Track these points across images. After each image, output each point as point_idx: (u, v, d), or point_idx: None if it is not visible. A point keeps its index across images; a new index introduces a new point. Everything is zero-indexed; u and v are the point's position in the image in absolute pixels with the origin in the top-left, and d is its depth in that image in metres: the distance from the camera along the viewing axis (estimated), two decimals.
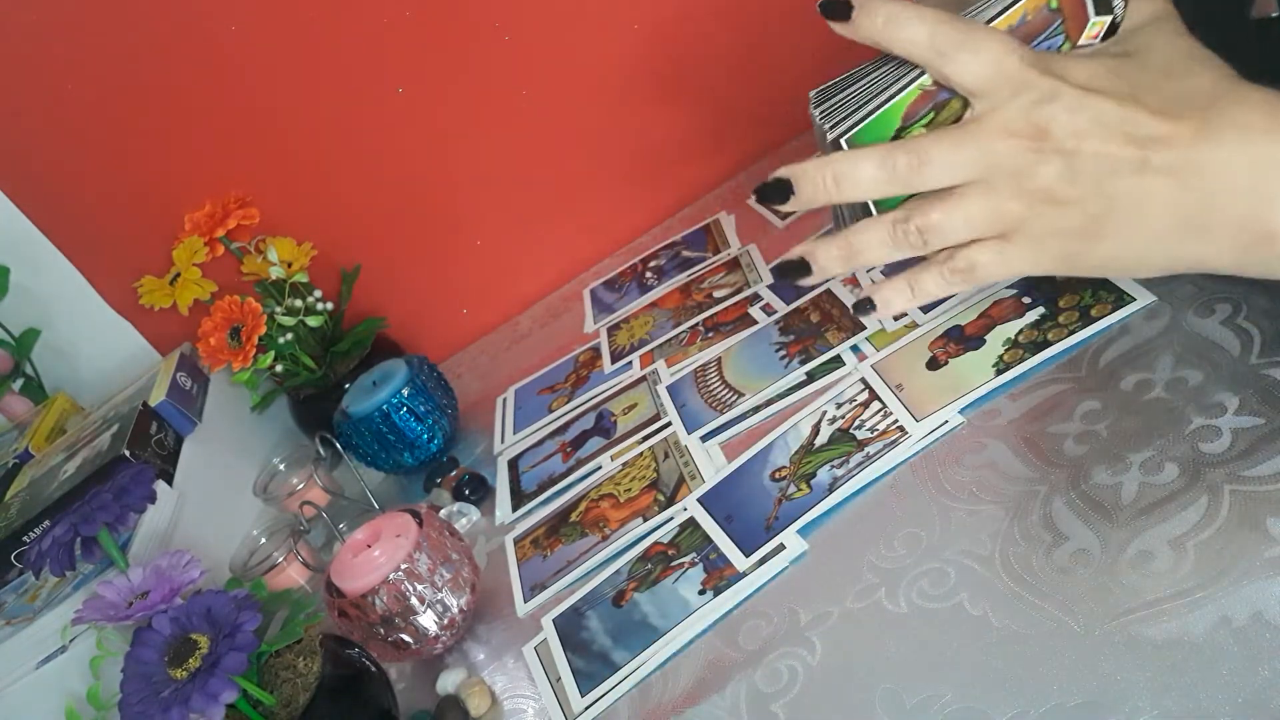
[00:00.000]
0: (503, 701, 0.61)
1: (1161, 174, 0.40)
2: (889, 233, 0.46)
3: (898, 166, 0.43)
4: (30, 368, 0.98)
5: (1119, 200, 0.41)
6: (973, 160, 0.42)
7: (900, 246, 0.46)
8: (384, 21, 0.89)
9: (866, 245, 0.46)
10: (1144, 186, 0.40)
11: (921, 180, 0.43)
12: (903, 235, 0.45)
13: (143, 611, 0.54)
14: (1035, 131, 0.41)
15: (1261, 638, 0.39)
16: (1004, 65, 0.41)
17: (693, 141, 1.01)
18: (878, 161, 0.43)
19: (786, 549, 0.57)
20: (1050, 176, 0.41)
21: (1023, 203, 0.42)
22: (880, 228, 0.46)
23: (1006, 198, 0.42)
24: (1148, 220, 0.41)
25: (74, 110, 0.88)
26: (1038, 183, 0.42)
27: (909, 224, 0.45)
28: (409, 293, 1.03)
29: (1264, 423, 0.47)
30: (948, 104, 0.43)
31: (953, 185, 0.43)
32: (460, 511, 0.78)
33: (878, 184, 0.44)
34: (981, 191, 0.43)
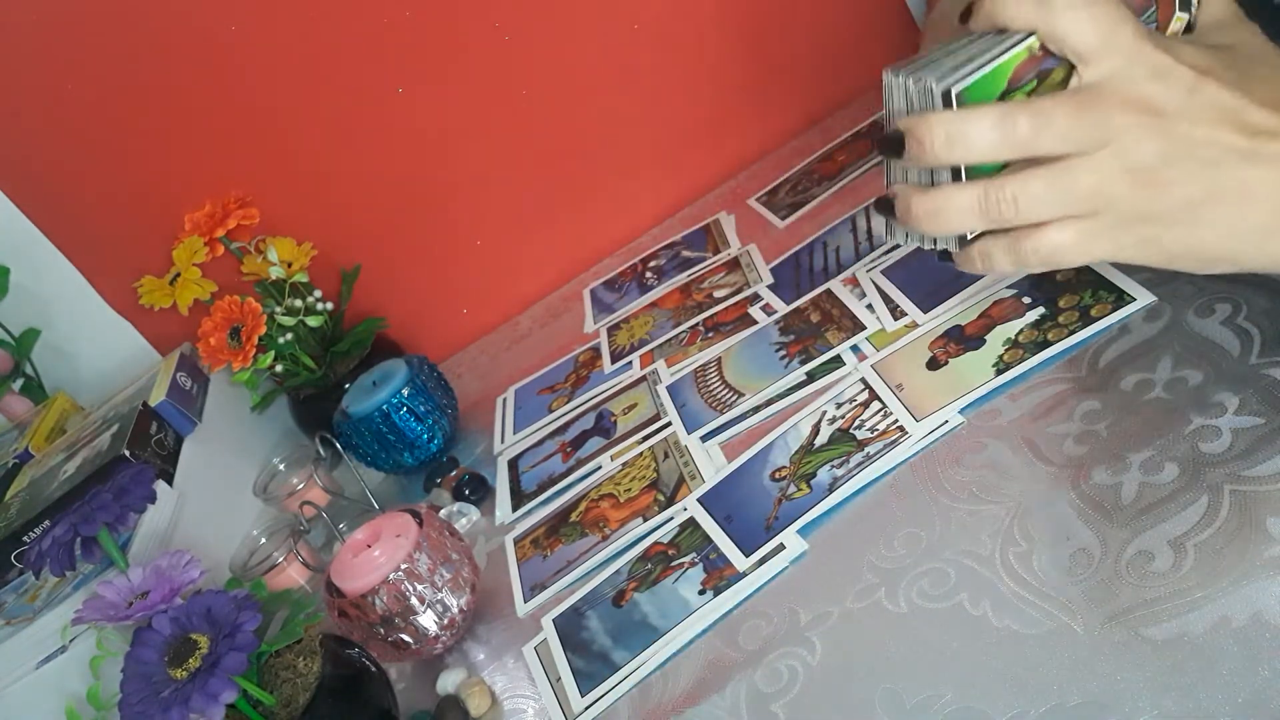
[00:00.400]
0: (503, 701, 0.61)
1: (1268, 165, 0.39)
2: (979, 199, 0.42)
3: (1018, 128, 0.40)
4: (30, 368, 0.98)
5: (1221, 188, 0.40)
6: (1091, 128, 0.40)
7: (988, 216, 0.43)
8: (384, 21, 0.89)
9: (952, 209, 0.43)
10: (1250, 177, 0.40)
11: (1039, 145, 0.40)
12: (995, 204, 0.42)
13: (143, 611, 0.54)
14: (1150, 107, 0.39)
15: (1261, 638, 0.39)
16: (1119, 33, 0.39)
17: (692, 141, 1.01)
18: (995, 121, 0.40)
19: (786, 549, 0.57)
20: (1158, 155, 0.40)
21: (1125, 182, 0.40)
22: (971, 192, 0.43)
23: (1111, 174, 0.40)
24: (1247, 211, 0.40)
25: (74, 110, 0.88)
26: (1145, 160, 0.40)
27: (1004, 190, 0.42)
28: (409, 293, 1.03)
29: (1264, 423, 0.47)
30: (1051, 73, 0.41)
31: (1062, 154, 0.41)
32: (460, 511, 0.78)
33: (992, 146, 0.41)
34: (1088, 166, 0.41)
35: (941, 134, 0.41)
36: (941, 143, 0.41)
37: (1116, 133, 0.40)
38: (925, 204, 0.44)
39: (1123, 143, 0.40)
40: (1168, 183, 0.40)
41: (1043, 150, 0.41)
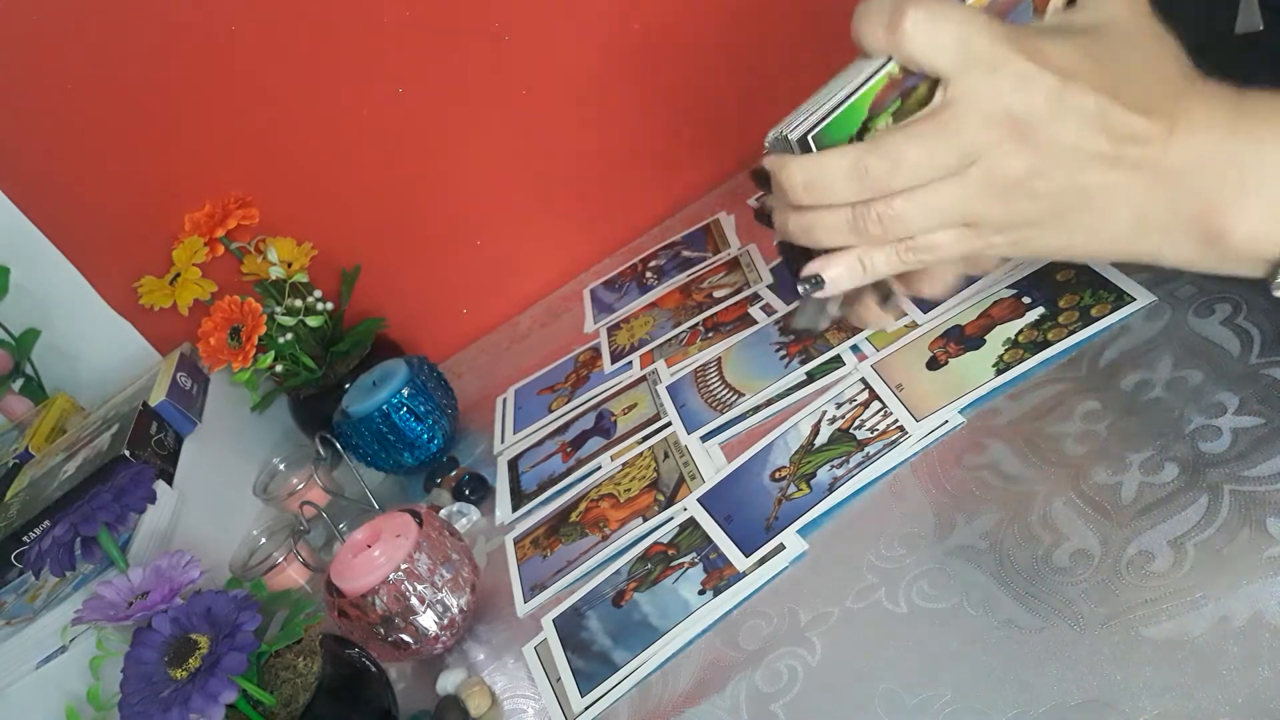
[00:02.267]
0: (503, 701, 0.61)
1: (1133, 171, 0.39)
2: (848, 219, 0.43)
3: (871, 170, 0.40)
4: (30, 368, 0.98)
5: (1089, 194, 0.40)
6: (948, 156, 0.40)
7: (859, 235, 0.43)
8: (384, 22, 0.89)
9: (823, 227, 0.44)
10: (1115, 182, 0.39)
11: (897, 184, 0.41)
12: (862, 223, 0.43)
13: (143, 611, 0.54)
14: (1013, 120, 0.38)
15: (1261, 638, 0.39)
16: (973, 44, 0.38)
17: (693, 141, 1.01)
18: (849, 166, 0.41)
19: (786, 549, 0.57)
20: (1024, 169, 0.39)
21: (992, 196, 0.40)
22: (840, 213, 0.43)
23: (977, 192, 0.40)
24: (1113, 215, 0.40)
25: (74, 110, 0.88)
26: (1011, 176, 0.40)
27: (870, 211, 0.42)
28: (409, 293, 1.03)
29: (1264, 423, 0.47)
30: (914, 91, 0.41)
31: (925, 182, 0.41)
32: (460, 511, 0.78)
33: (850, 190, 0.41)
34: (953, 185, 0.41)
35: (800, 180, 0.42)
36: (801, 189, 0.42)
37: (979, 152, 0.39)
38: (798, 220, 0.44)
39: (987, 161, 0.39)
40: (1035, 194, 0.40)
41: (906, 185, 0.41)
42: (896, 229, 0.42)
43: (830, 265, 0.44)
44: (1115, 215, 0.40)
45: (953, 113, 0.39)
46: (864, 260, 0.43)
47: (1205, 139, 0.38)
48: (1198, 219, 0.39)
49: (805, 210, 0.44)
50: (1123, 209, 0.40)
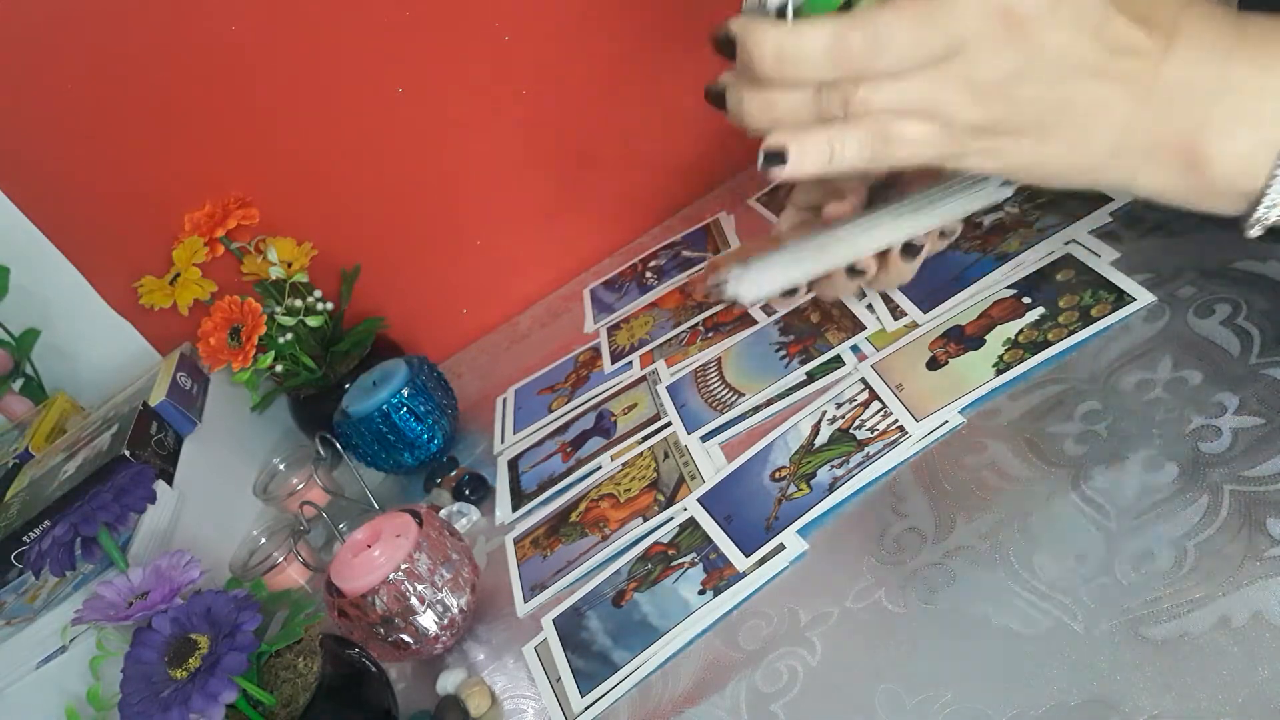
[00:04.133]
0: (503, 701, 0.61)
1: (1122, 84, 0.37)
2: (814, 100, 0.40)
3: (852, 47, 0.37)
4: (30, 368, 0.98)
5: (1074, 103, 0.38)
6: (936, 42, 0.37)
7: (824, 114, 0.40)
8: (384, 21, 0.89)
9: (786, 107, 0.40)
10: (1101, 94, 0.37)
11: (877, 66, 0.38)
12: (827, 102, 0.39)
13: (143, 611, 0.54)
14: (1007, 14, 0.36)
15: (1261, 638, 0.39)
16: None
17: (692, 141, 1.01)
18: (828, 40, 0.37)
19: (786, 549, 0.57)
20: (1009, 68, 0.37)
21: (970, 94, 0.38)
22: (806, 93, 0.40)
23: (956, 87, 0.38)
24: (1094, 131, 0.38)
25: (74, 110, 0.88)
26: (994, 74, 0.37)
27: (838, 94, 0.39)
28: (409, 293, 1.03)
29: (1264, 423, 0.47)
30: None
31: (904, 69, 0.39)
32: (460, 511, 0.78)
33: (824, 67, 0.38)
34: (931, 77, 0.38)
35: (771, 48, 0.39)
36: (771, 59, 0.39)
37: (966, 42, 0.37)
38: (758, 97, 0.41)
39: (972, 54, 0.37)
40: (1015, 98, 0.38)
41: (886, 69, 0.38)
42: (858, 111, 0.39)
43: (799, 139, 0.40)
44: (1095, 131, 0.38)
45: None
46: (835, 143, 0.40)
47: (1203, 59, 0.37)
48: (1181, 142, 0.37)
49: (768, 87, 0.40)
50: (1104, 125, 0.38)
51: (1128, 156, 0.39)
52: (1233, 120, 0.36)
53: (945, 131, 0.39)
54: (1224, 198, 0.38)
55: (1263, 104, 0.36)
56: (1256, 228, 0.37)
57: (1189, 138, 0.37)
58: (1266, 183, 0.36)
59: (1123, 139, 0.38)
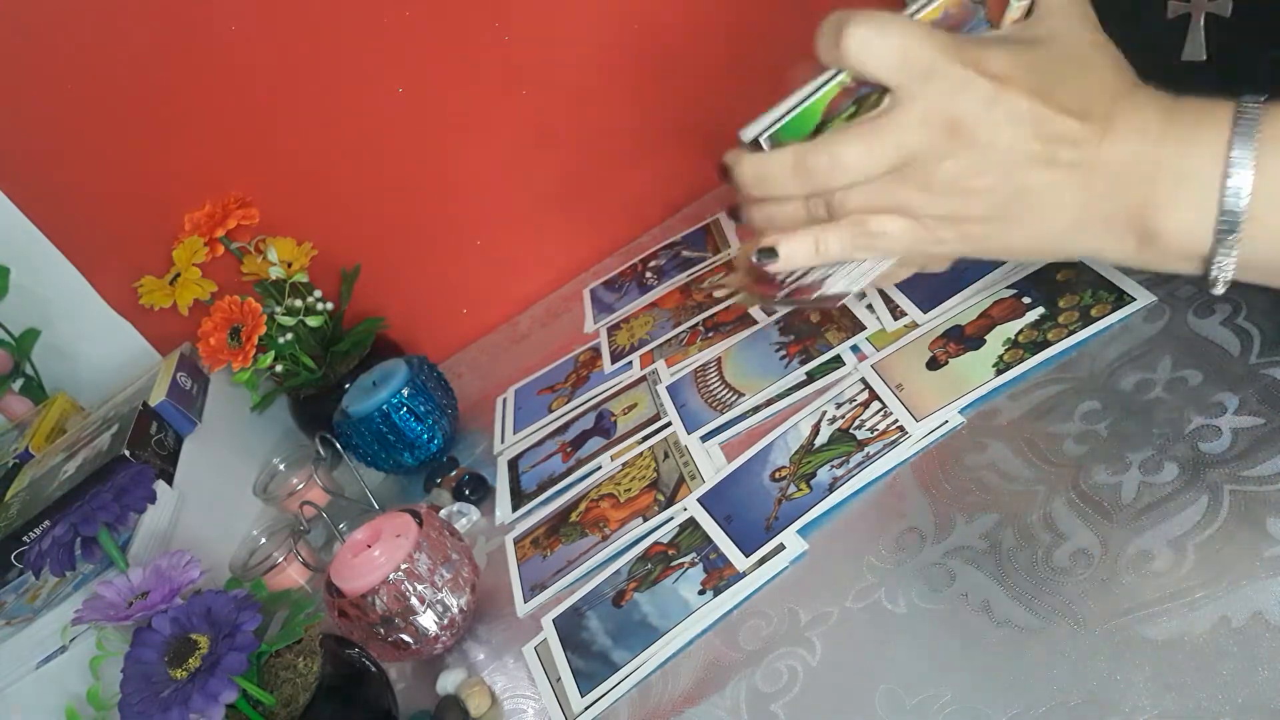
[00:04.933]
0: (503, 701, 0.61)
1: (1067, 170, 0.41)
2: (802, 208, 0.46)
3: (813, 168, 0.43)
4: (30, 368, 0.98)
5: (1026, 192, 0.42)
6: (885, 155, 0.42)
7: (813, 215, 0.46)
8: (384, 21, 0.89)
9: (782, 215, 0.47)
10: (1051, 180, 0.41)
11: (838, 180, 0.44)
12: (813, 207, 0.46)
13: (143, 611, 0.54)
14: (948, 123, 0.41)
15: (1261, 638, 0.39)
16: (915, 54, 0.40)
17: (692, 141, 1.01)
18: (793, 163, 0.44)
19: (786, 549, 0.57)
20: (959, 168, 0.41)
21: (930, 193, 0.43)
22: (794, 204, 0.46)
23: (916, 189, 0.43)
24: (1052, 213, 0.42)
25: (74, 110, 0.88)
26: (948, 175, 0.42)
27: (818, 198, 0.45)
28: (409, 293, 1.03)
29: (1264, 423, 0.47)
30: (868, 98, 0.43)
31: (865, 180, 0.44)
32: (460, 511, 0.78)
33: (794, 184, 0.44)
34: (892, 182, 0.43)
35: (749, 173, 0.46)
36: (751, 181, 0.46)
37: (917, 152, 0.42)
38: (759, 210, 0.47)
39: (924, 161, 0.42)
40: (976, 190, 0.42)
41: (848, 182, 0.43)
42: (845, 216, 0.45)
43: (788, 240, 0.47)
44: (1054, 213, 0.42)
45: (892, 115, 0.42)
46: (819, 241, 0.46)
47: (1137, 142, 0.40)
48: (1133, 217, 0.41)
49: (763, 202, 0.47)
50: (1060, 207, 0.42)
51: (1087, 233, 0.43)
52: (1171, 193, 0.40)
53: (917, 224, 0.44)
54: (1182, 262, 0.41)
55: (1193, 176, 0.39)
56: (1218, 285, 0.40)
57: (1138, 213, 0.41)
58: (1213, 245, 0.40)
59: (1079, 218, 0.42)
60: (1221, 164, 0.38)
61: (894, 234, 0.45)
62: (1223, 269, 0.40)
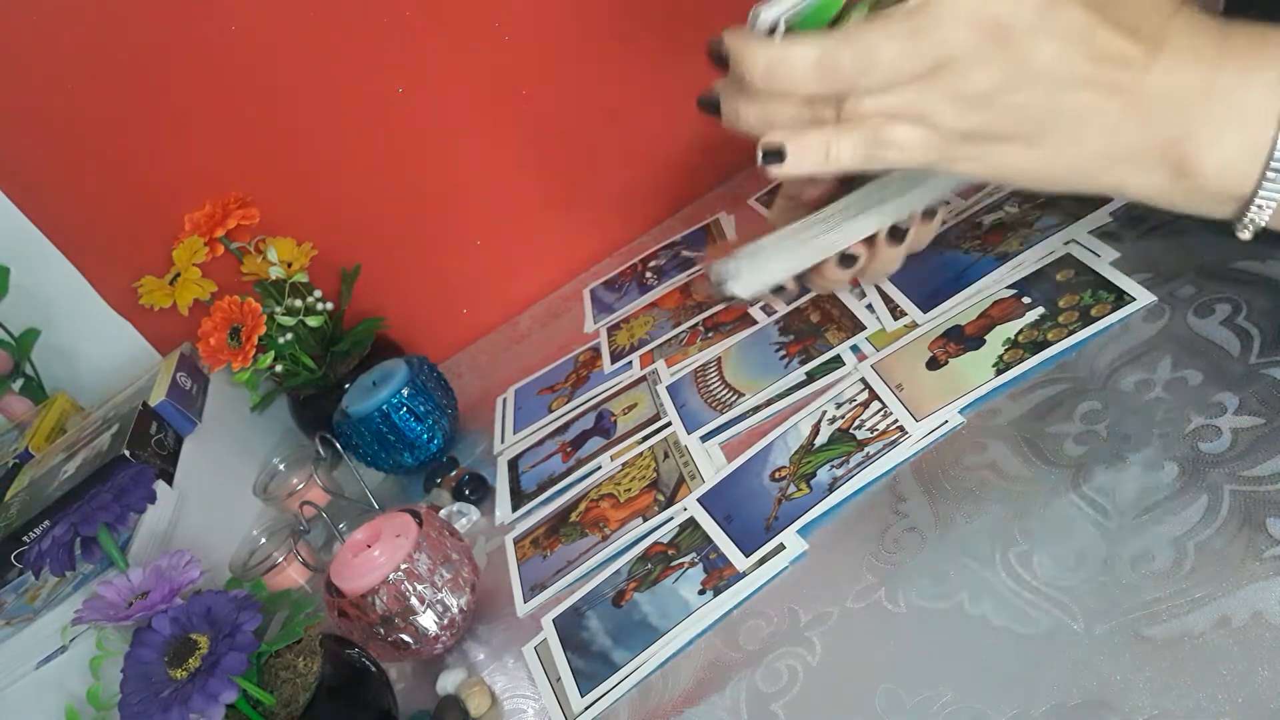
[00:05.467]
0: (503, 701, 0.61)
1: (1111, 93, 0.38)
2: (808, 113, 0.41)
3: (840, 64, 0.38)
4: (30, 368, 0.98)
5: (1063, 112, 0.38)
6: (923, 56, 0.37)
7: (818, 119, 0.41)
8: (384, 21, 0.89)
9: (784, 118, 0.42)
10: (1091, 103, 0.38)
11: (865, 82, 0.39)
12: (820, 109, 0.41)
13: (143, 611, 0.54)
14: (995, 26, 0.36)
15: (1261, 638, 0.39)
16: None
17: (692, 141, 1.01)
18: (817, 57, 0.39)
19: (786, 549, 0.57)
20: (997, 80, 0.37)
21: (960, 103, 0.39)
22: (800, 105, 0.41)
23: (945, 97, 0.39)
24: (1083, 138, 0.39)
25: (74, 110, 0.88)
26: (982, 85, 0.38)
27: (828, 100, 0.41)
28: (409, 293, 1.03)
29: (1264, 423, 0.47)
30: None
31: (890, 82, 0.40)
32: (460, 511, 0.78)
33: (813, 82, 0.39)
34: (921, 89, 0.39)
35: (762, 63, 0.40)
36: (761, 73, 0.40)
37: (954, 56, 0.37)
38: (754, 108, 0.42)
39: (960, 66, 0.37)
40: (1004, 107, 0.38)
41: (875, 86, 0.39)
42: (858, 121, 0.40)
43: (797, 140, 0.41)
44: (1084, 138, 0.39)
45: (933, 10, 0.37)
46: (831, 145, 0.41)
47: (1189, 67, 0.37)
48: (1170, 149, 0.38)
49: (762, 99, 0.42)
50: (1093, 132, 0.39)
51: (1117, 162, 0.39)
52: (1219, 126, 0.37)
53: (936, 136, 0.40)
54: (1214, 201, 0.38)
55: (1248, 108, 0.36)
56: (1248, 230, 0.38)
57: (1177, 144, 0.38)
58: (1256, 185, 0.37)
59: (1111, 145, 0.39)
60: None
61: (911, 145, 0.40)
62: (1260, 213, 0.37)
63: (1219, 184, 0.38)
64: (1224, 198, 0.38)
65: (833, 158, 0.41)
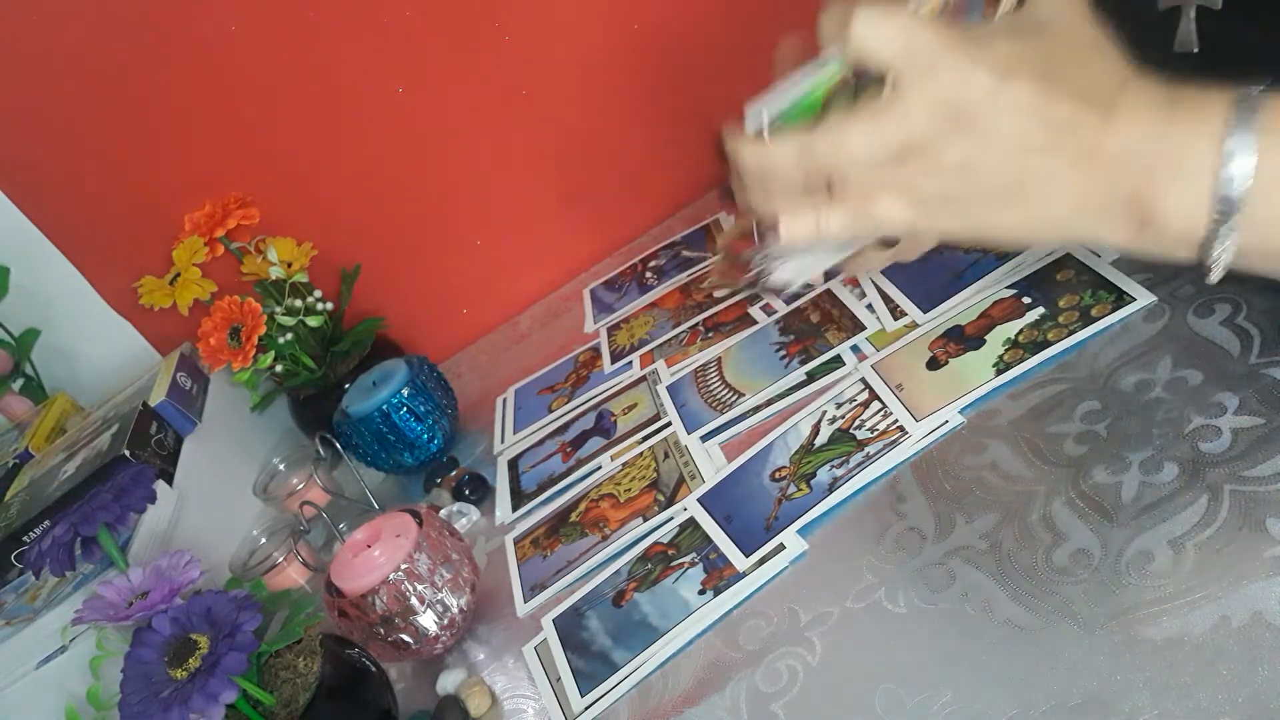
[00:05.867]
0: (503, 701, 0.61)
1: (1069, 156, 0.41)
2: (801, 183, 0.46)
3: (816, 156, 0.44)
4: (30, 368, 0.98)
5: (1030, 176, 0.42)
6: (890, 140, 0.42)
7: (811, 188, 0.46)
8: (384, 21, 0.89)
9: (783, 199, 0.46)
10: (1053, 167, 0.41)
11: (842, 163, 0.44)
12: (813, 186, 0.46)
13: (143, 611, 0.54)
14: (952, 111, 0.41)
15: (1261, 638, 0.39)
16: (917, 41, 0.41)
17: (692, 141, 1.01)
18: (796, 153, 0.44)
19: (786, 549, 0.57)
20: (963, 153, 0.42)
21: (932, 176, 0.43)
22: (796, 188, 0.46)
23: (917, 171, 0.43)
24: (1052, 198, 0.42)
25: (74, 110, 0.88)
26: (951, 159, 0.42)
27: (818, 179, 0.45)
28: (409, 293, 1.03)
29: (1264, 423, 0.47)
30: (869, 86, 0.44)
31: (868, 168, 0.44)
32: (460, 511, 0.78)
33: (796, 171, 0.45)
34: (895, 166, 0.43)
35: (752, 162, 0.46)
36: (753, 170, 0.46)
37: (920, 139, 0.42)
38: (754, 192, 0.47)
39: (928, 147, 0.42)
40: (974, 175, 0.42)
41: (852, 166, 0.43)
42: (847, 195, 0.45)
43: (790, 218, 0.46)
44: (1052, 199, 0.42)
45: (896, 102, 0.42)
46: (822, 220, 0.46)
47: (1139, 130, 0.41)
48: (1131, 203, 0.41)
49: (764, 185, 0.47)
50: (1059, 193, 0.42)
51: (1086, 218, 0.43)
52: (1170, 181, 0.40)
53: (918, 204, 0.44)
54: (1179, 247, 0.42)
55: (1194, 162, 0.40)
56: (1214, 271, 0.41)
57: (1137, 198, 0.41)
58: (1208, 231, 0.40)
59: (1079, 203, 0.42)
60: (1220, 151, 0.39)
61: (894, 214, 0.45)
62: (1221, 255, 0.40)
63: (1178, 230, 0.41)
64: (1186, 244, 0.41)
65: (824, 229, 0.46)
